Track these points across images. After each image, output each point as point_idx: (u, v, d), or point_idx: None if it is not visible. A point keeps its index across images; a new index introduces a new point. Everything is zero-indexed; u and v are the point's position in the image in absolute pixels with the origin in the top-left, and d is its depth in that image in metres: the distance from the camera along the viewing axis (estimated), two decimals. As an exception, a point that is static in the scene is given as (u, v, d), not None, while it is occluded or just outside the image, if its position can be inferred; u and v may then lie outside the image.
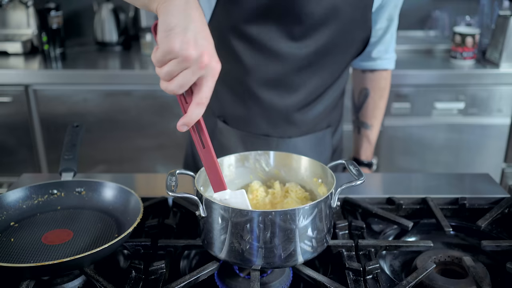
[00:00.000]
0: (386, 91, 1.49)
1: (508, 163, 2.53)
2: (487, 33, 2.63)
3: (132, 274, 0.90)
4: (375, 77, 1.46)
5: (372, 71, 1.45)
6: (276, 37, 1.16)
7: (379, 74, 1.46)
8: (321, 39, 1.18)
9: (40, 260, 0.89)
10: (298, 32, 1.16)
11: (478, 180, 1.31)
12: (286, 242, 0.84)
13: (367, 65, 1.44)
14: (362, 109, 1.50)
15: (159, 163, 2.53)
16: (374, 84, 1.47)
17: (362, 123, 1.51)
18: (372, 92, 1.47)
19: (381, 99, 1.49)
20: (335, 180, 0.91)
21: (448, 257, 0.98)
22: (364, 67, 1.45)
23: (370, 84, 1.47)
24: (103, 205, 1.07)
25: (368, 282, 0.90)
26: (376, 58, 1.42)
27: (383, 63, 1.43)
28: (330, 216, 0.90)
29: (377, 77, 1.46)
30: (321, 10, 1.13)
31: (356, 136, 1.55)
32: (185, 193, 0.85)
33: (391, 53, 1.43)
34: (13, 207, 1.04)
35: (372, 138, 1.53)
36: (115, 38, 2.74)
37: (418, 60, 2.59)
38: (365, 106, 1.49)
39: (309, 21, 1.14)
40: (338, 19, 1.16)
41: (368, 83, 1.47)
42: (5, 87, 2.36)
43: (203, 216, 0.87)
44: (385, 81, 1.47)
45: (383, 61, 1.43)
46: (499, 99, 2.41)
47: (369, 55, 1.40)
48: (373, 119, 1.51)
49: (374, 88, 1.47)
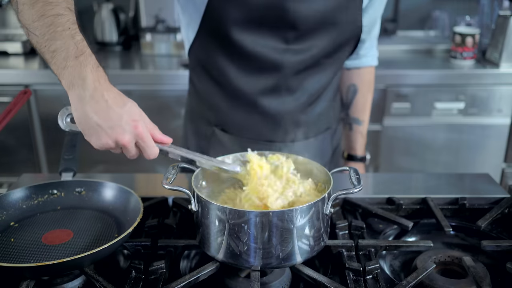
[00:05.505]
0: (372, 84, 1.51)
1: (508, 163, 2.52)
2: (487, 33, 2.63)
3: (132, 274, 0.90)
4: (362, 72, 1.48)
5: (358, 68, 1.47)
6: (270, 44, 1.17)
7: (365, 69, 1.47)
8: (315, 43, 1.19)
9: (40, 260, 0.89)
10: (292, 38, 1.17)
11: (478, 180, 1.31)
12: (284, 242, 0.84)
13: (354, 63, 1.46)
14: (352, 106, 1.50)
15: (159, 163, 2.52)
16: (361, 79, 1.48)
17: (353, 119, 1.52)
18: (361, 87, 1.48)
19: (369, 93, 1.51)
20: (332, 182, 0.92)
21: (448, 257, 0.98)
22: (351, 66, 1.46)
23: (357, 80, 1.48)
24: (103, 205, 1.07)
25: (368, 282, 0.90)
26: (362, 56, 1.44)
27: (368, 60, 1.46)
28: (327, 216, 0.90)
29: (363, 72, 1.48)
30: (314, 14, 1.14)
31: (348, 133, 1.55)
32: (178, 186, 0.86)
33: (375, 49, 1.46)
34: (13, 207, 1.04)
35: (364, 133, 1.54)
36: (115, 38, 2.74)
37: (418, 60, 2.59)
38: (355, 102, 1.50)
39: (303, 26, 1.15)
40: (330, 22, 1.17)
41: (355, 79, 1.48)
42: (5, 87, 2.35)
43: (194, 210, 0.88)
44: (371, 75, 1.50)
45: (368, 58, 1.45)
46: (499, 99, 2.41)
47: (357, 52, 1.41)
48: (364, 114, 1.52)
49: (362, 83, 1.48)
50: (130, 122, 0.84)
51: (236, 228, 0.83)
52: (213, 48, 1.21)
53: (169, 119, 2.43)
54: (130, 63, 2.63)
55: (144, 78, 2.40)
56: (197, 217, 0.90)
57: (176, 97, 2.40)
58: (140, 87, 2.40)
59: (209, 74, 1.27)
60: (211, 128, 1.33)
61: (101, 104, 0.83)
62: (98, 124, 0.83)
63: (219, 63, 1.22)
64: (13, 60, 2.54)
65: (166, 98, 2.40)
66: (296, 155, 1.03)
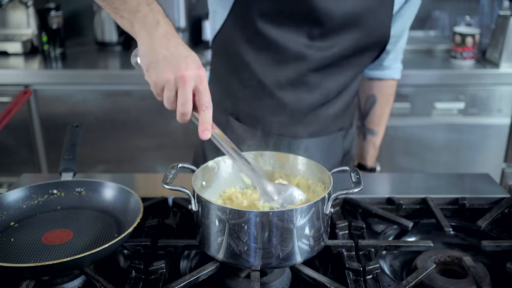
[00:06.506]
0: (392, 98, 1.51)
1: (508, 163, 2.52)
2: (487, 33, 2.63)
3: (132, 274, 0.90)
4: (383, 84, 1.48)
5: (380, 79, 1.46)
6: (294, 38, 1.17)
7: (386, 82, 1.47)
8: (339, 42, 1.19)
9: (40, 260, 0.89)
10: (317, 34, 1.17)
11: (478, 180, 1.31)
12: (284, 242, 0.84)
13: (376, 74, 1.46)
14: (368, 116, 1.51)
15: (159, 163, 2.53)
16: (381, 91, 1.48)
17: (368, 129, 1.52)
18: (380, 99, 1.48)
19: (387, 106, 1.51)
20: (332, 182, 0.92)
21: (448, 257, 0.98)
22: (373, 76, 1.46)
23: (377, 91, 1.48)
24: (103, 205, 1.07)
25: (368, 282, 0.90)
26: (386, 67, 1.44)
27: (391, 72, 1.45)
28: (326, 216, 0.90)
29: (385, 84, 1.48)
30: (340, 13, 1.14)
31: (361, 142, 1.56)
32: (178, 186, 0.86)
33: (399, 63, 1.46)
34: (13, 207, 1.04)
35: (377, 144, 1.55)
36: (115, 38, 2.74)
37: (418, 60, 2.58)
38: (372, 113, 1.50)
39: (329, 24, 1.15)
40: (357, 24, 1.17)
41: (376, 90, 1.48)
42: (5, 87, 2.35)
43: (194, 210, 0.89)
44: (392, 89, 1.49)
45: (391, 70, 1.45)
46: (499, 99, 2.41)
47: (381, 63, 1.42)
48: (379, 126, 1.52)
49: (381, 95, 1.48)
50: (195, 63, 0.85)
51: (236, 228, 0.83)
52: (238, 37, 1.21)
53: (169, 119, 2.43)
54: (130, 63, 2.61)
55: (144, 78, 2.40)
56: (197, 217, 0.90)
57: (176, 97, 2.40)
58: (140, 87, 2.40)
59: (231, 63, 1.28)
60: (226, 117, 1.33)
61: (171, 42, 0.86)
62: (165, 57, 0.85)
63: (241, 52, 1.22)
64: (13, 60, 2.54)
65: (166, 98, 2.40)
66: (296, 155, 1.03)
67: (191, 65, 0.84)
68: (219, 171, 1.02)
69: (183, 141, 2.47)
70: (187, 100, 0.85)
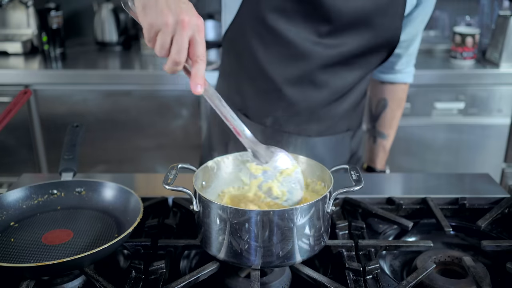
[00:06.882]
0: (403, 102, 1.51)
1: (508, 163, 2.52)
2: (487, 33, 2.63)
3: (132, 274, 0.90)
4: (395, 88, 1.47)
5: (392, 83, 1.46)
6: (303, 34, 1.17)
7: (398, 86, 1.47)
8: (348, 41, 1.19)
9: (40, 260, 0.89)
10: (326, 31, 1.17)
11: (478, 180, 1.31)
12: (284, 241, 0.84)
13: (388, 77, 1.45)
14: (379, 119, 1.51)
15: (159, 163, 2.53)
16: (393, 95, 1.48)
17: (379, 132, 1.52)
18: (391, 103, 1.48)
19: (399, 109, 1.50)
20: (332, 181, 0.92)
21: (448, 257, 0.98)
22: (384, 79, 1.46)
23: (389, 95, 1.48)
24: (103, 205, 1.07)
25: (368, 282, 0.90)
26: (398, 71, 1.43)
27: (403, 76, 1.45)
28: (327, 215, 0.90)
29: (397, 88, 1.47)
30: (349, 11, 1.14)
31: (371, 145, 1.55)
32: (179, 186, 0.86)
33: (411, 67, 1.45)
34: (13, 207, 1.04)
35: (387, 147, 1.54)
36: (115, 38, 2.74)
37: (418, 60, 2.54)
38: (383, 116, 1.50)
39: (337, 21, 1.15)
40: (367, 23, 1.17)
41: (387, 93, 1.48)
42: (5, 87, 2.35)
43: (196, 210, 0.88)
44: (403, 93, 1.49)
45: (404, 74, 1.45)
46: (499, 99, 2.41)
47: (392, 66, 1.41)
48: (390, 129, 1.52)
49: (393, 99, 1.48)
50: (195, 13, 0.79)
51: (238, 227, 0.83)
52: (248, 31, 1.21)
53: (169, 119, 2.44)
54: (130, 63, 2.63)
55: (144, 78, 2.40)
56: (198, 217, 0.90)
57: (176, 97, 2.40)
58: (140, 87, 2.40)
59: (240, 58, 1.28)
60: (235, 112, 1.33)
61: None
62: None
63: (251, 47, 1.22)
64: (13, 60, 2.54)
65: (166, 98, 2.40)
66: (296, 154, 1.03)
67: (192, 11, 0.79)
68: (219, 171, 1.02)
69: (183, 141, 2.47)
70: (183, 48, 0.78)
